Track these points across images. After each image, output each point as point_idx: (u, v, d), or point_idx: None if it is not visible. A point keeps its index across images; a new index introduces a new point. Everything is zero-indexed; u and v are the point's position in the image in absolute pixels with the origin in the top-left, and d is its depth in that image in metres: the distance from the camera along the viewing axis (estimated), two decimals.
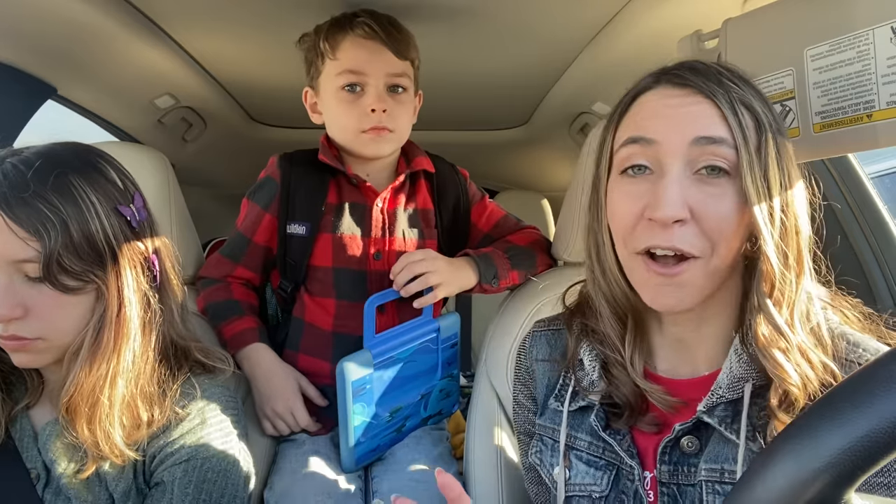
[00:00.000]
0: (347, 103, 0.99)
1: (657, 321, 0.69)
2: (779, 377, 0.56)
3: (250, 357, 1.00)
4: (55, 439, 0.71)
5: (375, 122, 0.98)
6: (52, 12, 0.97)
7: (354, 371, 0.90)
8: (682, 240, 0.57)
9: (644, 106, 0.63)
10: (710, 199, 0.57)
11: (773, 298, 0.57)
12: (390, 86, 0.99)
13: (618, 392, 0.66)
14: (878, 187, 1.25)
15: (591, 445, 0.69)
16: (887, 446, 0.33)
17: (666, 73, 0.63)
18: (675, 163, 0.58)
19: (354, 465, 0.97)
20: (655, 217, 0.57)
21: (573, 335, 0.73)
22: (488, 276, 1.01)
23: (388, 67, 0.97)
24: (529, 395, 0.80)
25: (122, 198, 0.71)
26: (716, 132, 0.57)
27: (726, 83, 0.59)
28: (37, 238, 0.63)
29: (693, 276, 0.59)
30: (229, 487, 0.73)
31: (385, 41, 0.95)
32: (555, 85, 1.49)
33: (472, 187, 1.16)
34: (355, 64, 0.96)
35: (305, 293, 1.05)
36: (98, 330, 0.68)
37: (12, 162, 0.66)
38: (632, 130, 0.62)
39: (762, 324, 0.57)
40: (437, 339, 1.01)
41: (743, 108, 0.58)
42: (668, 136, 0.59)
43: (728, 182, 0.57)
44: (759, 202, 0.56)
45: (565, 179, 1.11)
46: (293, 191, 1.03)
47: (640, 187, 0.60)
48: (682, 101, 0.59)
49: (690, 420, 0.61)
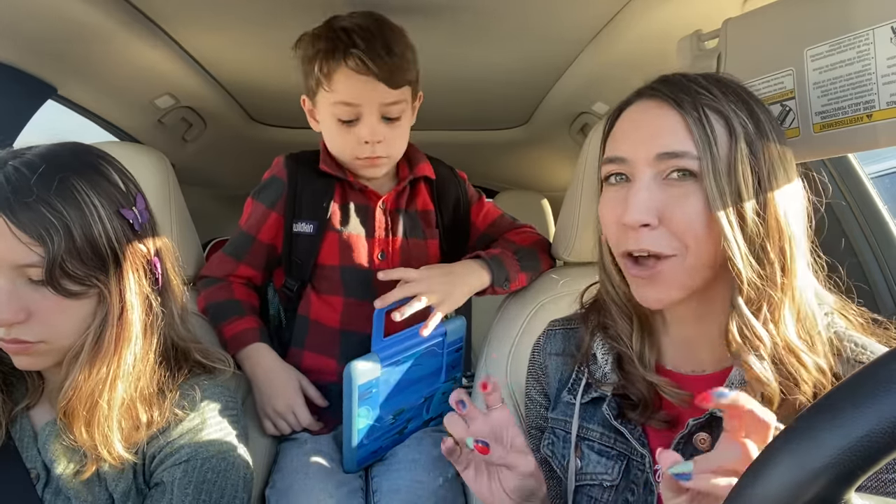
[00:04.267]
0: (343, 132, 0.99)
1: (662, 321, 0.70)
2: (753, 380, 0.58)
3: (251, 357, 1.00)
4: (55, 440, 0.71)
5: (369, 153, 0.98)
6: (52, 12, 0.97)
7: (362, 375, 0.89)
8: (652, 242, 0.60)
9: (621, 124, 0.67)
10: (676, 200, 0.60)
11: (746, 298, 0.59)
12: (385, 115, 0.98)
13: (632, 388, 0.68)
14: (878, 187, 1.25)
15: (602, 436, 0.70)
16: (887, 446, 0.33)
17: (645, 87, 0.66)
18: (644, 174, 0.62)
19: (356, 467, 0.97)
20: (625, 222, 0.61)
21: (588, 329, 0.74)
22: (500, 279, 1.01)
23: (381, 98, 0.95)
24: (542, 391, 0.81)
25: (124, 200, 0.71)
26: (678, 146, 0.60)
27: (696, 90, 0.61)
28: (40, 243, 0.63)
29: (670, 272, 0.61)
30: (229, 488, 0.73)
31: (378, 75, 0.93)
32: (555, 85, 1.49)
33: (470, 188, 1.17)
34: (349, 97, 0.96)
35: (312, 291, 1.05)
36: (99, 333, 0.67)
37: (15, 165, 0.65)
38: (610, 150, 0.67)
39: (732, 323, 0.59)
40: (443, 342, 1.01)
41: (711, 114, 0.60)
42: (635, 154, 0.63)
43: (695, 184, 0.60)
44: (724, 204, 0.58)
45: (565, 179, 1.11)
46: (300, 190, 1.03)
47: (617, 195, 0.64)
48: (651, 114, 0.63)
49: (704, 415, 0.62)
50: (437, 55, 1.30)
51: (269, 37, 1.17)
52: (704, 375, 0.67)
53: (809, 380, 0.57)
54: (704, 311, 0.65)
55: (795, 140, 0.71)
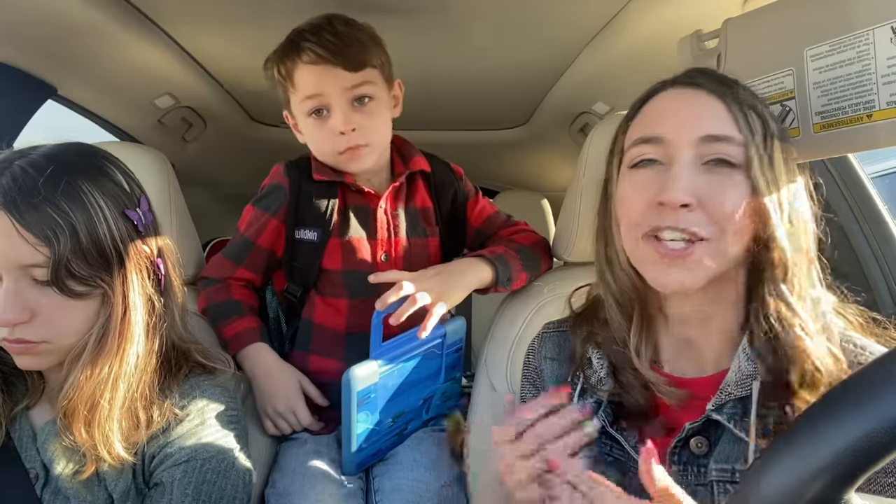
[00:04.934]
0: (318, 128, 0.99)
1: (664, 320, 0.70)
2: (800, 352, 0.58)
3: (251, 357, 0.99)
4: (54, 439, 0.71)
5: (346, 144, 0.97)
6: (52, 12, 0.97)
7: (361, 381, 0.89)
8: (691, 222, 0.60)
9: (654, 107, 0.66)
10: (717, 186, 0.60)
11: (788, 283, 0.60)
12: (355, 98, 0.97)
13: (628, 396, 0.68)
14: (878, 187, 1.26)
15: (597, 442, 0.69)
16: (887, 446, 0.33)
17: (676, 77, 0.66)
18: (684, 156, 0.61)
19: (355, 470, 0.97)
20: (665, 199, 0.60)
21: (579, 339, 0.74)
22: (504, 278, 1.00)
23: (344, 83, 0.95)
24: (537, 395, 0.80)
25: (128, 201, 0.71)
26: (724, 130, 0.60)
27: (735, 87, 0.63)
28: (46, 244, 0.63)
29: (701, 255, 0.61)
30: (228, 488, 0.73)
31: (332, 60, 0.93)
32: (555, 85, 1.49)
33: (466, 183, 1.16)
34: (312, 89, 0.96)
35: (316, 295, 1.05)
36: (102, 333, 0.67)
37: (21, 165, 0.65)
38: (641, 131, 0.65)
39: (781, 308, 0.60)
40: (443, 344, 1.00)
41: (750, 110, 0.61)
42: (678, 133, 0.62)
43: (736, 172, 0.60)
44: (769, 191, 0.59)
45: (565, 179, 1.11)
46: (302, 197, 1.03)
47: (649, 177, 0.63)
48: (692, 100, 0.63)
49: (700, 419, 0.62)
50: (438, 55, 1.30)
51: (270, 36, 1.17)
52: (698, 379, 0.66)
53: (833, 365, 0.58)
54: (712, 310, 0.65)
55: (795, 140, 0.70)
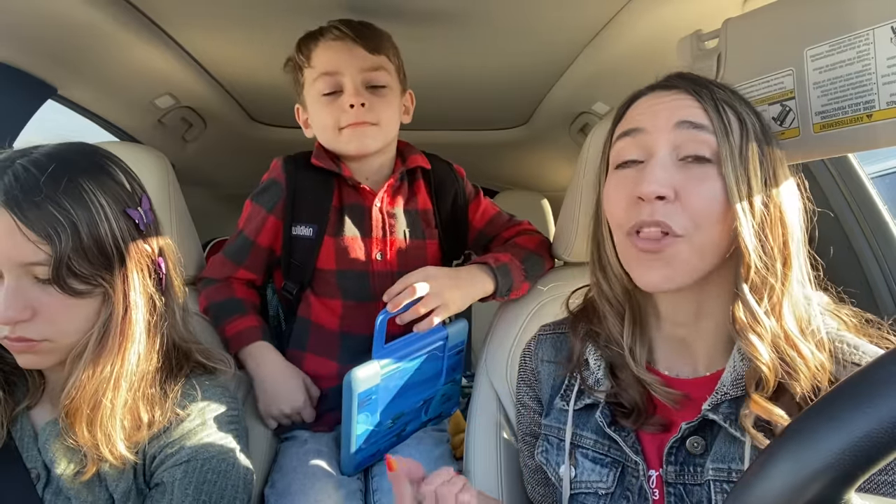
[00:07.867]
0: (328, 104, 0.99)
1: (656, 319, 0.70)
2: (752, 356, 0.58)
3: (254, 355, 0.99)
4: (55, 439, 0.71)
5: (354, 118, 0.98)
6: (52, 12, 0.97)
7: (362, 383, 0.89)
8: (666, 215, 0.61)
9: (635, 110, 0.68)
10: (693, 181, 0.61)
11: (751, 284, 0.60)
12: (368, 84, 0.99)
13: (625, 394, 0.68)
14: (878, 187, 1.25)
15: (596, 443, 0.70)
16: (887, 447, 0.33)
17: (655, 82, 0.69)
18: (661, 148, 0.62)
19: (354, 470, 0.97)
20: (641, 192, 0.61)
21: (578, 338, 0.74)
22: (504, 289, 1.00)
23: (361, 63, 0.97)
24: (534, 397, 0.80)
25: (130, 200, 0.71)
26: (698, 119, 0.62)
27: (711, 87, 0.64)
28: (48, 242, 0.63)
29: (678, 251, 0.61)
30: (229, 489, 0.73)
31: (355, 39, 0.96)
32: (555, 85, 1.49)
33: (468, 185, 1.16)
34: (329, 65, 0.97)
35: (312, 294, 1.05)
36: (103, 332, 0.67)
37: (23, 164, 0.65)
38: (624, 125, 0.67)
39: (739, 308, 0.60)
40: (445, 346, 1.00)
41: (726, 107, 0.63)
42: (654, 122, 0.63)
43: (712, 169, 0.61)
44: (738, 189, 0.60)
45: (565, 179, 1.11)
46: (299, 193, 1.03)
47: (630, 175, 0.65)
48: (669, 98, 0.65)
49: (696, 418, 0.62)
50: (438, 56, 1.30)
51: (270, 37, 1.17)
52: (693, 380, 0.67)
53: (808, 372, 0.58)
54: (703, 308, 0.65)
55: (795, 140, 0.71)
